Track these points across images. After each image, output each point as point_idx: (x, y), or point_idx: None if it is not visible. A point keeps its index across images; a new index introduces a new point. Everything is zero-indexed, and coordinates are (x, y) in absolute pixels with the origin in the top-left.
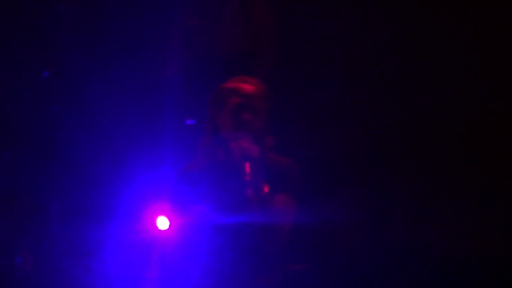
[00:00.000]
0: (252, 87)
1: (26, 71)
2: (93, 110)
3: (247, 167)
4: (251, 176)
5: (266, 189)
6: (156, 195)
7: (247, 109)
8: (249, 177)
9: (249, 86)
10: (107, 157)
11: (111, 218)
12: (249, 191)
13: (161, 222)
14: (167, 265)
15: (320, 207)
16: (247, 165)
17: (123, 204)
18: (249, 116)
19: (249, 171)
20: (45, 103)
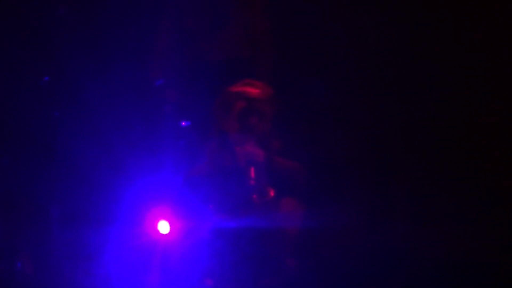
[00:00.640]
0: (258, 91)
1: (26, 75)
2: (93, 114)
3: (252, 172)
4: (256, 180)
5: (272, 193)
6: (156, 199)
7: (253, 113)
8: (254, 181)
9: (255, 90)
10: (107, 161)
11: (111, 222)
12: (254, 195)
13: (162, 226)
14: (168, 269)
15: (326, 210)
16: (252, 169)
17: (123, 208)
18: (255, 120)
19: (254, 175)
20: (46, 107)
